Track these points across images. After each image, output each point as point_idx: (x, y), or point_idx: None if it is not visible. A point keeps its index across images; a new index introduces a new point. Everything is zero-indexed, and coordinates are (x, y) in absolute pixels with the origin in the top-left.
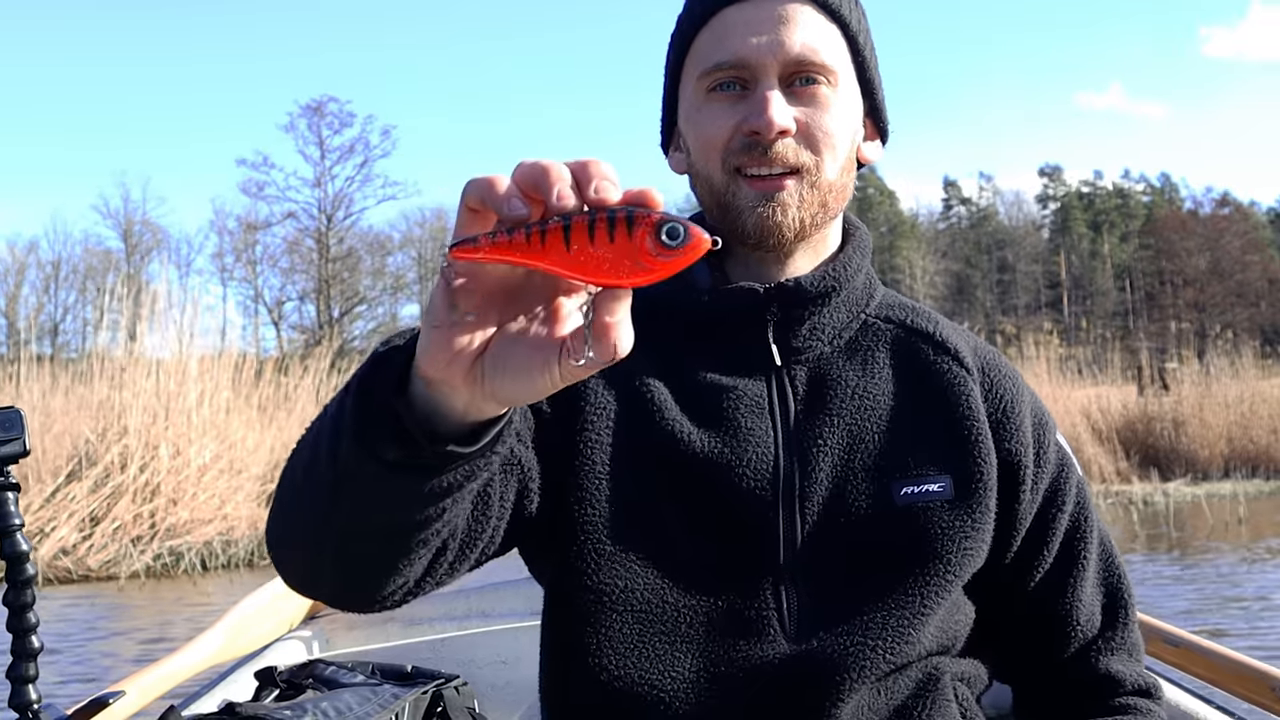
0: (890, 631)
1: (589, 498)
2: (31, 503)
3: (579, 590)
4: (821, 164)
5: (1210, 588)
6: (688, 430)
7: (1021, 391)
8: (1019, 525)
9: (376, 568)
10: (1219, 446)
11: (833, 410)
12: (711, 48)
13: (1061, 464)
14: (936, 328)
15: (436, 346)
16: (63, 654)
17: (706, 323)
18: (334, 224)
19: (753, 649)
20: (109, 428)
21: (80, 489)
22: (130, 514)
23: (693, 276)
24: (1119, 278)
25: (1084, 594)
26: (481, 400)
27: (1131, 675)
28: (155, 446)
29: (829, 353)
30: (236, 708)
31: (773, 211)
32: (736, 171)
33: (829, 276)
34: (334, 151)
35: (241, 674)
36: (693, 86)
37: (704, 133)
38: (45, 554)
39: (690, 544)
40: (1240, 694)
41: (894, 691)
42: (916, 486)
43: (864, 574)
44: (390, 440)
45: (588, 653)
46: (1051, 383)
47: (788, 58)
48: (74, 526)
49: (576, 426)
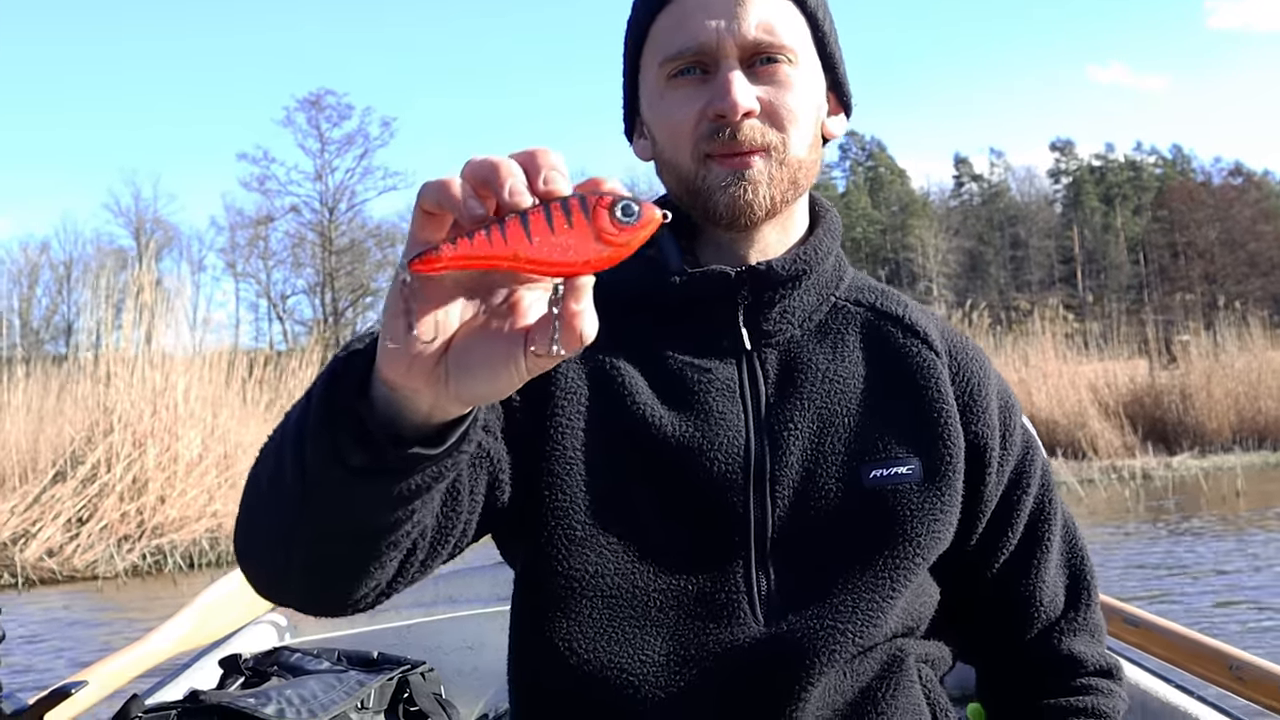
0: (860, 614)
1: (559, 483)
2: (18, 504)
3: (550, 575)
4: (788, 141)
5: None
6: (659, 414)
7: (988, 374)
8: (984, 507)
9: (347, 572)
10: (1227, 418)
11: (803, 394)
12: (670, 34)
13: (1027, 447)
14: (905, 310)
15: (396, 354)
16: (36, 654)
17: (677, 306)
18: (336, 217)
19: (723, 632)
20: (95, 425)
21: (66, 489)
22: (117, 513)
23: (664, 260)
24: (1133, 251)
25: (1047, 576)
26: (446, 401)
27: (1093, 656)
28: (142, 443)
29: (799, 336)
30: (201, 696)
31: (744, 190)
32: (707, 157)
33: (799, 260)
34: (333, 144)
35: (206, 662)
36: (654, 74)
37: (669, 121)
38: (30, 556)
39: (661, 528)
40: (1198, 673)
41: (860, 673)
42: (885, 469)
43: (834, 556)
44: (354, 446)
45: (557, 637)
46: (1058, 358)
47: (746, 39)
48: (60, 527)
49: (547, 412)
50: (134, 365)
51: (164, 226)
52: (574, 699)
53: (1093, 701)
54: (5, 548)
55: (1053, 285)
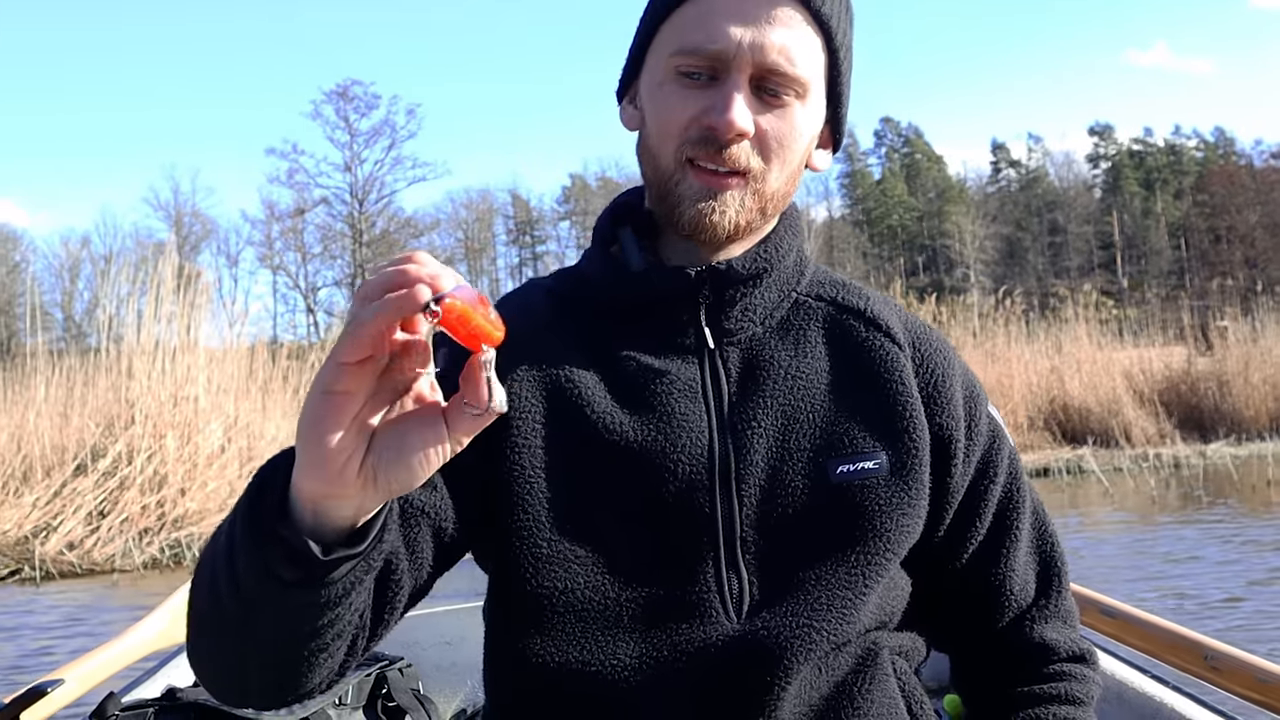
0: (833, 610)
1: (521, 504)
2: (40, 498)
3: (519, 594)
4: (769, 172)
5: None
6: (619, 420)
7: (952, 365)
8: (951, 498)
9: (299, 670)
10: (1265, 405)
11: (766, 391)
12: (692, 25)
13: (993, 436)
14: (867, 304)
15: (316, 465)
16: (29, 644)
17: (639, 305)
18: (366, 208)
19: (696, 633)
20: (116, 418)
21: (87, 482)
22: (138, 505)
23: (625, 260)
24: (1173, 236)
25: (1016, 564)
26: (373, 501)
27: (1066, 642)
28: (162, 435)
29: (761, 333)
30: (178, 693)
31: (711, 210)
32: (689, 162)
33: (760, 258)
34: (361, 136)
35: (183, 659)
36: (664, 58)
37: (663, 115)
38: (50, 549)
39: (628, 535)
40: (1174, 663)
41: (835, 668)
42: (852, 464)
43: (804, 554)
44: (283, 563)
45: (530, 651)
46: (1093, 345)
47: (764, 60)
48: (80, 520)
49: (501, 436)
50: (154, 357)
51: (202, 220)
52: (548, 701)
53: (1065, 688)
54: (26, 541)
55: (1091, 271)
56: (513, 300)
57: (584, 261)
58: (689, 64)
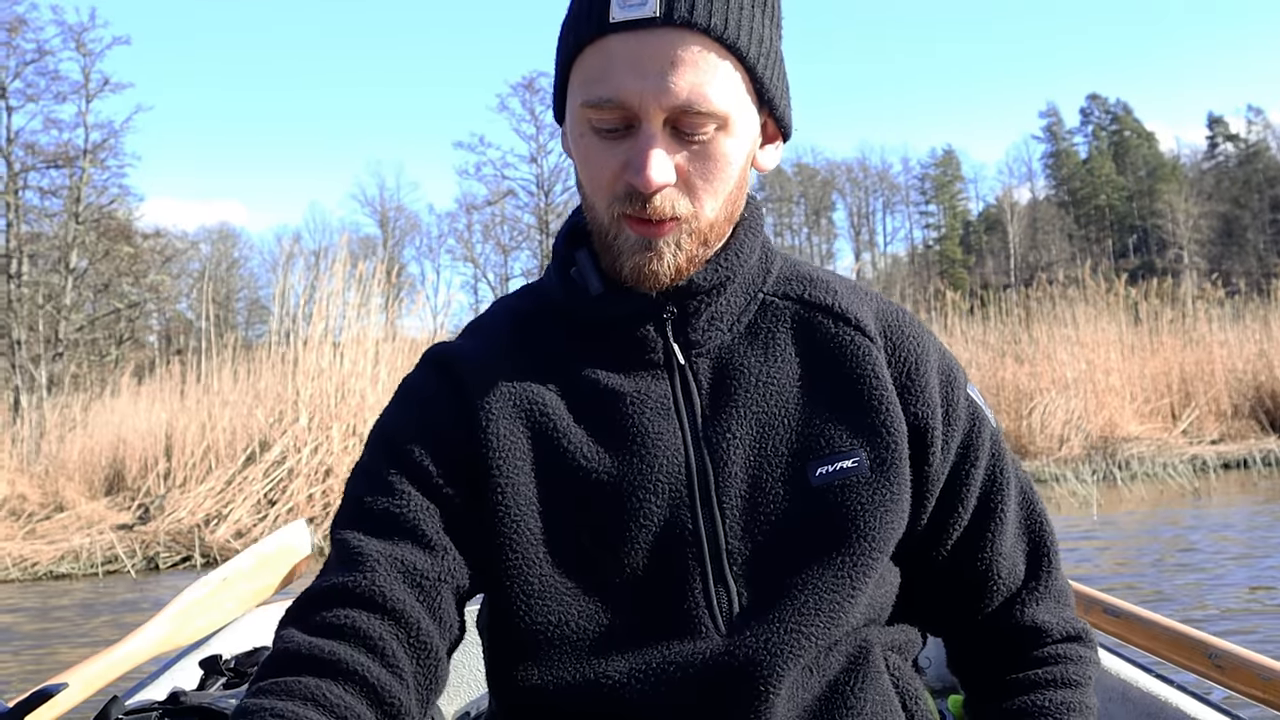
0: (823, 614)
1: (509, 542)
2: (214, 486)
3: (513, 628)
4: (700, 211)
5: None
6: (596, 446)
7: (927, 351)
8: (932, 486)
9: None
10: None
11: (738, 401)
12: (596, 75)
13: (973, 418)
14: (835, 298)
15: None
16: None
17: (603, 327)
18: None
19: (687, 649)
20: (285, 412)
21: (256, 471)
22: (304, 494)
23: (584, 284)
24: None
25: (1004, 546)
26: None
27: (1059, 623)
28: (328, 428)
29: (730, 340)
30: (182, 697)
31: (649, 260)
32: (623, 215)
33: (721, 268)
34: (547, 127)
35: (187, 662)
36: (577, 107)
37: (589, 171)
38: (220, 536)
39: (616, 560)
40: (1178, 661)
41: (825, 669)
42: (831, 465)
43: (791, 561)
44: None
45: (526, 674)
46: None
47: (674, 104)
48: (249, 509)
49: (487, 474)
50: (319, 351)
51: (406, 215)
52: (547, 715)
53: (1061, 671)
54: (199, 529)
55: None
56: (482, 326)
57: (546, 278)
58: (600, 119)
